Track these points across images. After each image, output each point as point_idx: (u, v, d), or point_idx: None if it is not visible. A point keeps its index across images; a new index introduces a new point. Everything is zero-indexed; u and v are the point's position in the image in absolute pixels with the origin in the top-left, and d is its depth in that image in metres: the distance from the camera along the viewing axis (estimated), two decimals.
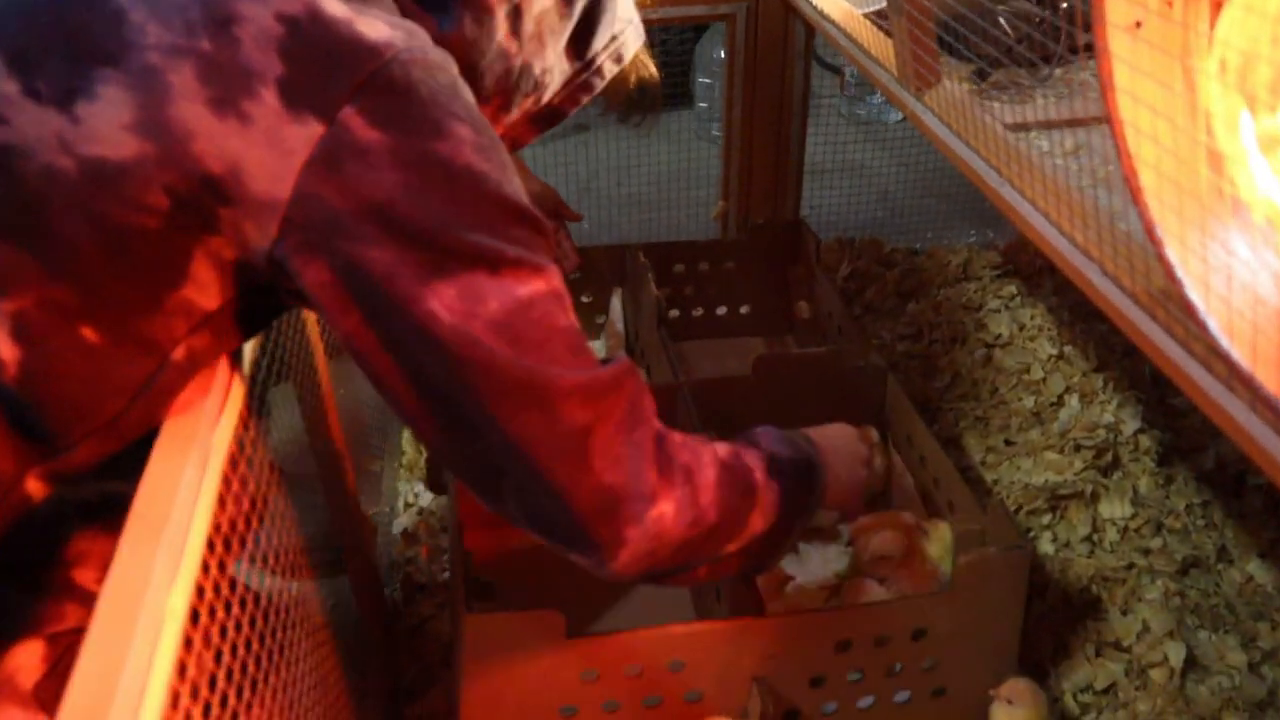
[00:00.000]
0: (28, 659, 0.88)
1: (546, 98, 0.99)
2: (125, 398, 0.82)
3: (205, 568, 0.78)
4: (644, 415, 0.90)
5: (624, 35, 1.01)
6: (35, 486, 0.82)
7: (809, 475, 1.10)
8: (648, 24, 1.07)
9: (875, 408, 1.71)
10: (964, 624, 1.30)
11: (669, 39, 3.36)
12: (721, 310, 2.13)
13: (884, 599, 1.35)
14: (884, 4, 1.30)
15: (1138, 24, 0.68)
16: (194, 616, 0.74)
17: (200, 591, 0.77)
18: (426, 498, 1.82)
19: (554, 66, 0.97)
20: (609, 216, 2.79)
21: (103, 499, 0.90)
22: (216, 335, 0.83)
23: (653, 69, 1.11)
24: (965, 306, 2.16)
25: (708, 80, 3.24)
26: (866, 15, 1.48)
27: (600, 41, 0.99)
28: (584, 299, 2.10)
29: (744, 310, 2.13)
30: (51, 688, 0.86)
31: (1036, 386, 1.94)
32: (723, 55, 2.42)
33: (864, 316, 2.22)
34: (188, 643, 0.72)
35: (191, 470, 0.80)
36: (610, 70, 1.02)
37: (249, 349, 0.97)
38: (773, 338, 2.12)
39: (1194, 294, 0.73)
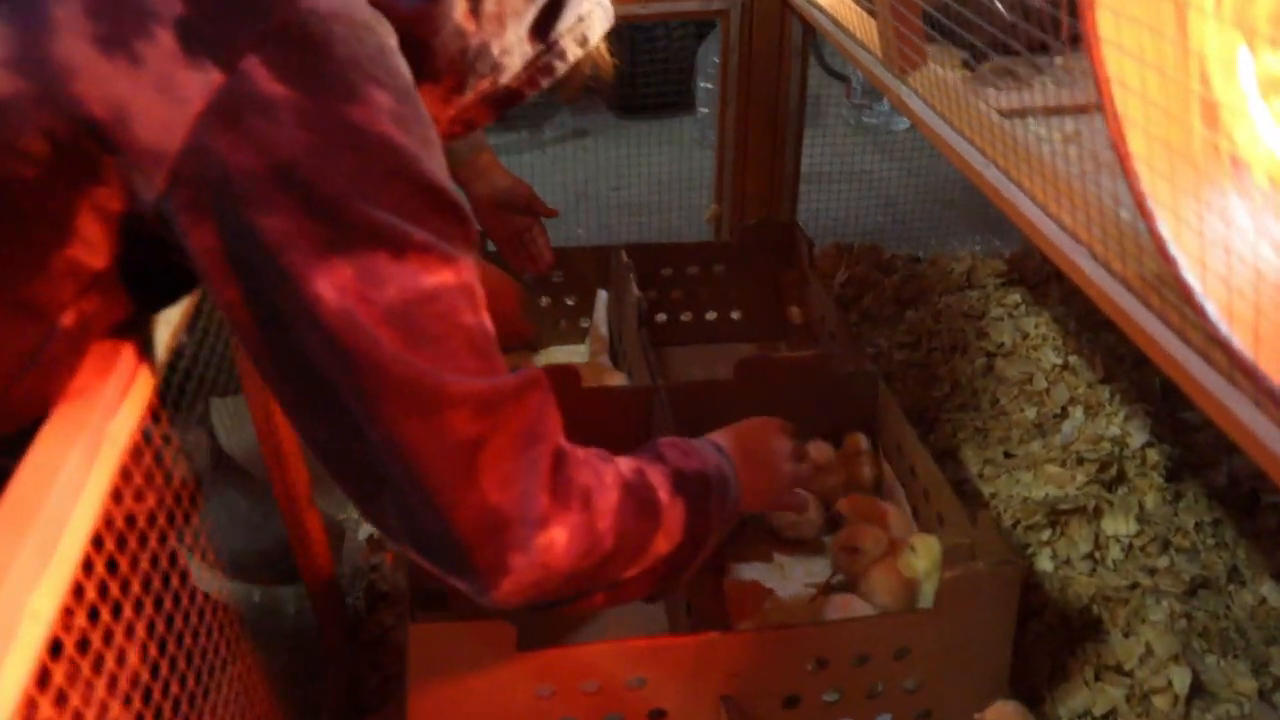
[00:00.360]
0: None
1: (504, 79, 0.92)
2: (12, 370, 0.75)
3: (88, 566, 0.71)
4: (544, 432, 0.82)
5: (591, 17, 0.94)
6: None
7: (721, 488, 1.03)
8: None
9: (866, 415, 1.63)
10: (950, 643, 1.22)
11: (671, 43, 3.31)
12: (711, 315, 2.05)
13: (862, 615, 1.27)
14: None
15: None
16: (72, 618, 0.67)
17: (79, 591, 0.69)
18: None
19: (514, 48, 0.90)
20: (604, 221, 2.73)
21: (3, 473, 0.83)
22: (107, 297, 0.77)
23: (607, 56, 1.04)
24: (967, 314, 2.07)
25: (710, 85, 3.18)
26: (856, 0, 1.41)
27: (565, 23, 0.91)
28: (568, 301, 2.02)
29: (735, 315, 2.05)
30: None
31: (1039, 397, 1.85)
32: None
33: (861, 324, 2.14)
34: (56, 648, 0.65)
35: (77, 458, 0.73)
36: (574, 53, 0.94)
37: (163, 339, 0.90)
38: (765, 344, 2.04)
39: (1190, 275, 0.65)
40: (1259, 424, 0.63)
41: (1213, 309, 0.64)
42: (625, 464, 0.93)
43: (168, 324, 0.91)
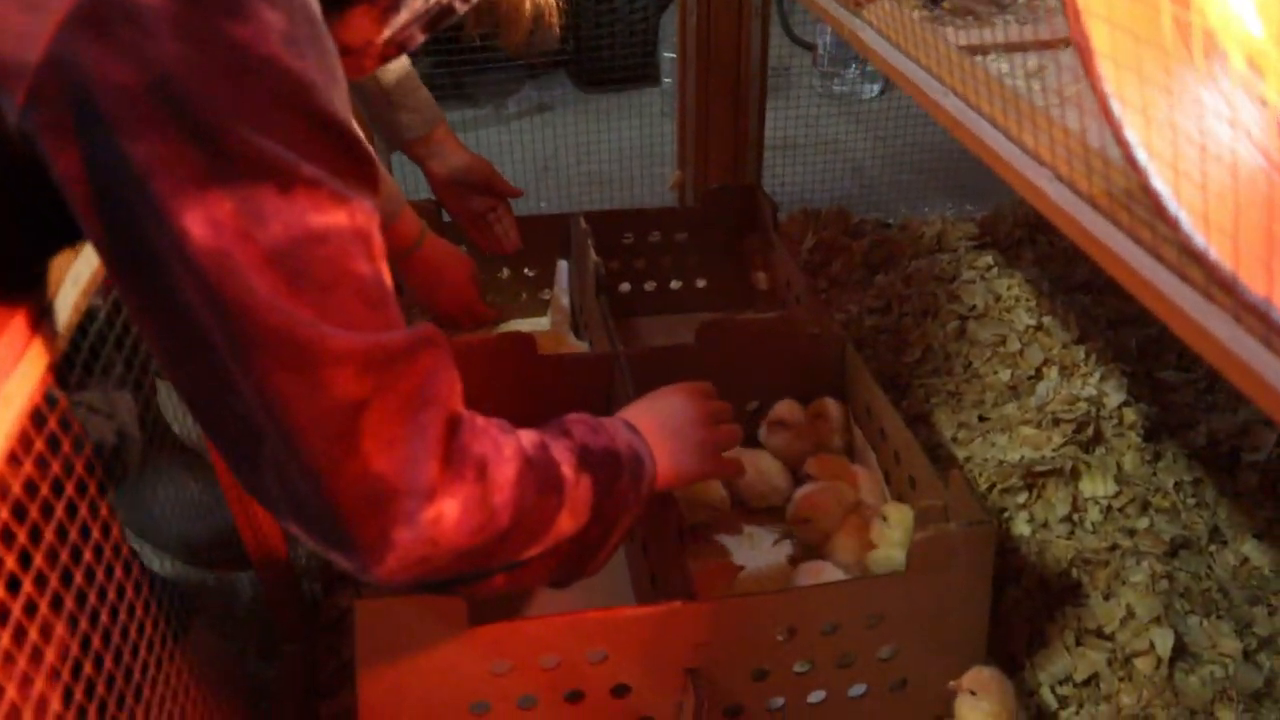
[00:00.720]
0: None
1: None
2: None
3: None
4: (437, 394, 0.76)
5: None
6: None
7: (633, 467, 0.97)
8: None
9: (834, 379, 1.58)
10: (924, 608, 1.16)
11: (633, 14, 3.25)
12: (676, 284, 1.99)
13: (832, 581, 1.21)
14: None
15: None
16: None
17: None
18: None
19: None
20: (569, 194, 2.68)
21: None
22: None
23: None
24: (938, 278, 2.02)
25: (674, 56, 3.12)
26: None
27: None
28: (529, 272, 1.96)
29: (700, 284, 1.99)
30: None
31: (1013, 359, 1.81)
32: None
33: (830, 290, 2.08)
34: None
35: None
36: None
37: (70, 297, 0.83)
38: (731, 312, 1.98)
39: (1159, 182, 0.60)
40: (1239, 341, 0.58)
41: (1186, 219, 0.59)
42: (528, 437, 0.87)
43: (76, 282, 0.85)
